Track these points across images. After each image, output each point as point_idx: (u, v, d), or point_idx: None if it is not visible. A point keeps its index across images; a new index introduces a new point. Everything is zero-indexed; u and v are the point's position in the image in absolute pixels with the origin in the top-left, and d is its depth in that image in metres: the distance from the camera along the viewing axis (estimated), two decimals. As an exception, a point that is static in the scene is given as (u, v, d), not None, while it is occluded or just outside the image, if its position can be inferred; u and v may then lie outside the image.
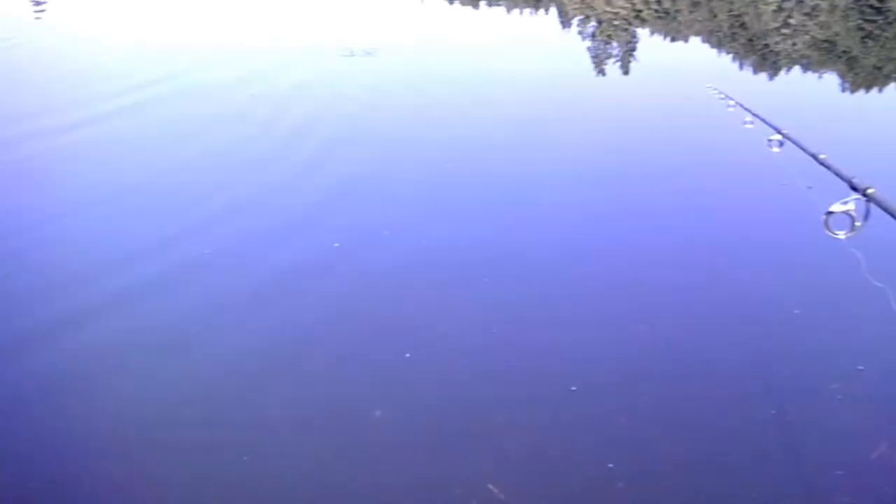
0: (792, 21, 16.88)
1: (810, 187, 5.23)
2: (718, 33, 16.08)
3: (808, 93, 11.54)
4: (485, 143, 7.17)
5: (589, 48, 13.54)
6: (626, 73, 11.75)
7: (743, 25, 16.83)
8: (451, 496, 2.85)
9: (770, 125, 3.06)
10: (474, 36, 13.89)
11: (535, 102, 8.91)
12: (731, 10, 18.05)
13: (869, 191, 1.80)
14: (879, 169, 7.13)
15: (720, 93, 4.49)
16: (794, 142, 2.68)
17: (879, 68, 14.10)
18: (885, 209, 1.70)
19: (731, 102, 4.04)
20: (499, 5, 17.07)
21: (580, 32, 14.71)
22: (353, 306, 4.21)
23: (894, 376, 3.60)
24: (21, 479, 2.91)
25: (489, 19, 15.85)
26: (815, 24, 16.99)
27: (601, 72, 11.62)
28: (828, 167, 2.18)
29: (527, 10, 16.48)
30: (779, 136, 2.85)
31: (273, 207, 5.57)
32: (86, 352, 3.75)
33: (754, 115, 3.49)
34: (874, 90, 12.07)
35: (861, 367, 3.58)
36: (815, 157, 2.33)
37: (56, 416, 3.27)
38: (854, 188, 1.87)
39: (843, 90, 11.92)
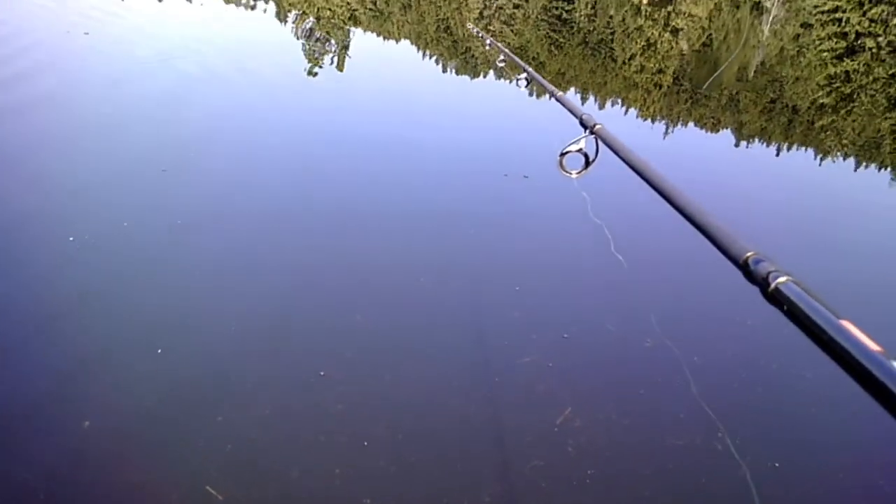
0: (491, 28, 18.54)
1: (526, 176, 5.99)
2: (425, 36, 17.19)
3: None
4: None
5: (303, 45, 13.81)
6: (340, 70, 12.19)
7: (448, 30, 18.14)
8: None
9: (520, 64, 3.40)
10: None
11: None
12: (437, 15, 19.34)
13: (596, 127, 1.80)
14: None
15: (479, 32, 5.12)
16: (534, 78, 2.98)
17: (563, 73, 16.05)
18: (610, 146, 1.70)
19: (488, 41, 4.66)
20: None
21: (294, 29, 14.93)
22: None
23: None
24: None
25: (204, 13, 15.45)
26: (511, 30, 18.82)
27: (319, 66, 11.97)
28: (562, 103, 2.25)
29: (243, 5, 16.35)
30: (525, 74, 3.15)
31: None
32: None
33: (507, 54, 3.96)
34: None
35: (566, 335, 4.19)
36: (552, 93, 2.44)
37: None
38: (583, 125, 1.87)
39: (531, 94, 13.45)
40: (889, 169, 12.03)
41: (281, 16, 15.75)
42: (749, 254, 0.95)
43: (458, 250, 4.75)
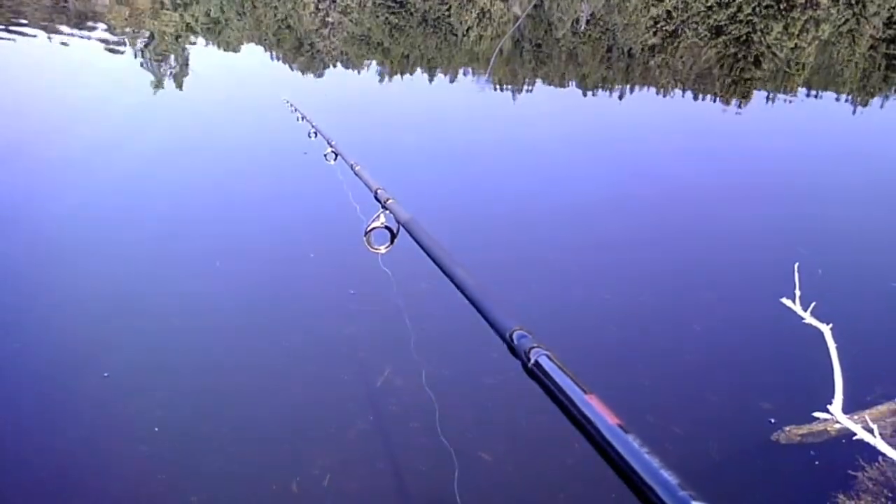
0: (329, 20, 18.60)
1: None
2: (268, 39, 17.09)
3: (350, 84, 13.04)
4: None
5: (143, 64, 13.46)
6: (179, 87, 12.02)
7: (289, 28, 18.09)
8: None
9: (324, 137, 3.15)
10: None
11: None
12: (275, 17, 19.22)
13: (388, 202, 1.80)
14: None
15: (292, 106, 4.61)
16: (339, 153, 2.80)
17: (407, 56, 16.37)
18: (399, 220, 1.70)
19: (299, 115, 4.15)
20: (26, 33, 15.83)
21: (133, 50, 14.50)
22: None
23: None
24: None
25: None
26: (350, 20, 18.94)
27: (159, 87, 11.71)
28: (360, 177, 2.22)
29: (73, 35, 15.64)
30: (331, 149, 2.91)
31: None
32: None
33: (315, 127, 3.58)
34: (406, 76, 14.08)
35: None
36: (351, 167, 2.40)
37: None
38: (377, 199, 1.88)
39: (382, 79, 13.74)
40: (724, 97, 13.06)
41: (115, 42, 15.23)
42: (515, 328, 0.99)
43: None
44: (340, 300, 4.76)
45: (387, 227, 1.78)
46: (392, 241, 1.78)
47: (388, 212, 1.77)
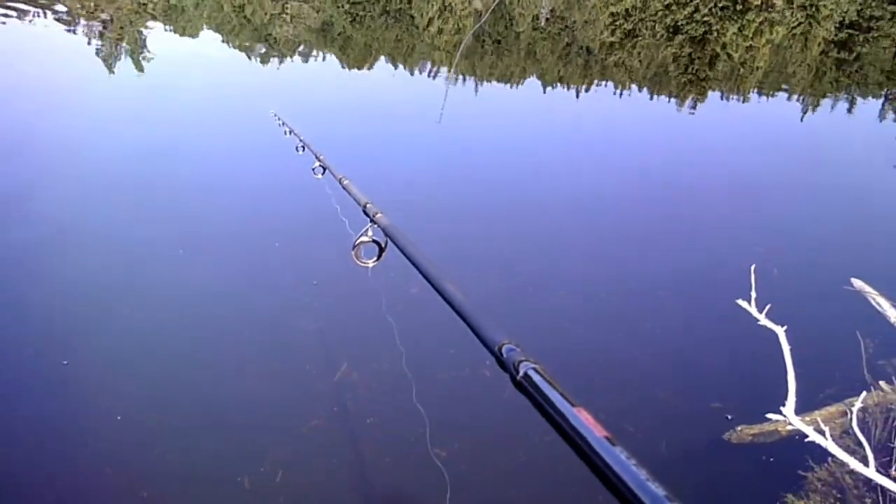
0: (288, 8, 18.36)
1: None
2: (226, 26, 16.85)
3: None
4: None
5: (98, 49, 13.13)
6: (140, 70, 11.78)
7: (247, 19, 17.83)
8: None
9: (312, 151, 3.08)
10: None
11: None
12: (234, 3, 18.91)
13: (377, 216, 1.80)
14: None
15: (279, 119, 4.42)
16: (326, 167, 2.76)
17: (369, 45, 16.30)
18: (388, 235, 1.71)
19: (287, 129, 4.00)
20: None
21: (87, 33, 14.14)
22: None
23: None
24: None
25: None
26: (312, 7, 18.76)
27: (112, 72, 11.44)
28: (348, 192, 2.22)
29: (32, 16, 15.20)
30: (319, 163, 2.84)
31: None
32: None
33: (303, 141, 3.46)
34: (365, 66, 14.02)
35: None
36: (340, 181, 2.38)
37: None
38: (366, 213, 1.88)
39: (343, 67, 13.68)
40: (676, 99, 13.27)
41: (72, 24, 14.85)
42: (504, 342, 0.99)
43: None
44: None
45: (375, 241, 1.80)
46: (380, 256, 1.80)
47: (375, 226, 1.78)
